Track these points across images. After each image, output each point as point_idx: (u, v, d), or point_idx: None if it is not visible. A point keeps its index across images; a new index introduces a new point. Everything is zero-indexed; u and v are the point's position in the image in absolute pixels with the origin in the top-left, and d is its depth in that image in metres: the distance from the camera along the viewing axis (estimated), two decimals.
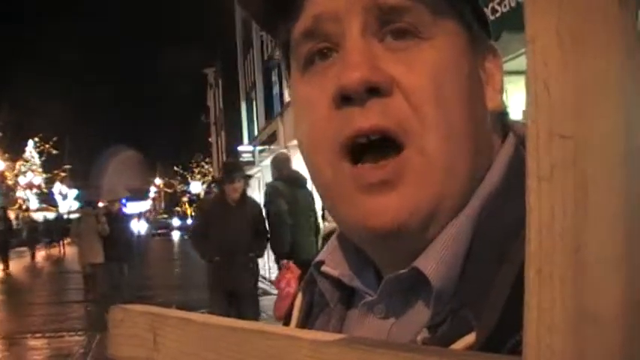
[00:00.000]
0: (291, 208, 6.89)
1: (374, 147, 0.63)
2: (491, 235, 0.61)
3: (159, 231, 66.72)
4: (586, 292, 0.31)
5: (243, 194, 7.36)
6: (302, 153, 0.70)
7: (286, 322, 0.82)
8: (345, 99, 0.63)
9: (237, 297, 7.26)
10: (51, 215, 60.18)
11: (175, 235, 60.55)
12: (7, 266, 25.67)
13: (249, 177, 7.77)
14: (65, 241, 37.69)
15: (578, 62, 0.32)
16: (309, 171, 0.70)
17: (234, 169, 7.53)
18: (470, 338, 0.54)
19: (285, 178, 7.12)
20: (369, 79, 0.62)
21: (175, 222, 73.76)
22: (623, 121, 0.31)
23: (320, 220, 7.51)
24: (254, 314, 7.35)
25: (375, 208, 0.63)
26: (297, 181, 7.12)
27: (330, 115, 0.65)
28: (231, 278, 7.06)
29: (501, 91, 0.70)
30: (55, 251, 39.07)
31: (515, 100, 3.89)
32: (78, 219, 14.08)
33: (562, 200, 0.32)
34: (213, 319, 0.56)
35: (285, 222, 6.88)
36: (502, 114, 0.71)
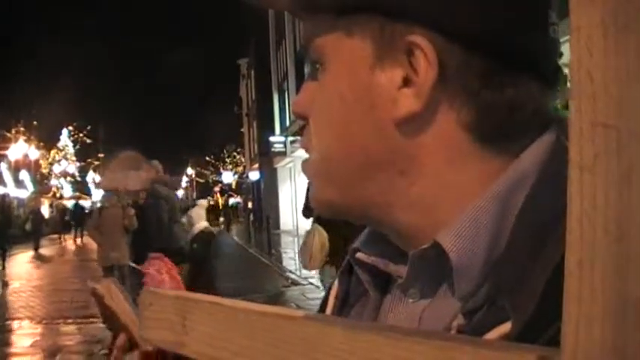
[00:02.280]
0: (169, 208, 8.73)
1: None
2: (530, 223, 0.60)
3: None
4: (628, 283, 0.31)
5: None
6: None
7: (322, 310, 0.82)
8: None
9: None
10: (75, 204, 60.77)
11: None
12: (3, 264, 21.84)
13: None
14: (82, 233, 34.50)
15: (623, 51, 0.31)
16: None
17: None
18: (506, 327, 0.54)
19: (164, 182, 8.91)
20: (294, 111, 0.76)
21: None
22: None
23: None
24: None
25: None
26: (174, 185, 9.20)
27: None
28: None
29: (422, 91, 0.64)
30: (68, 243, 36.45)
31: None
32: (99, 209, 11.12)
33: (604, 189, 0.31)
34: (243, 304, 0.56)
35: (164, 220, 8.69)
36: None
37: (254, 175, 46.35)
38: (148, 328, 0.68)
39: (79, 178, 69.13)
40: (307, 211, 8.39)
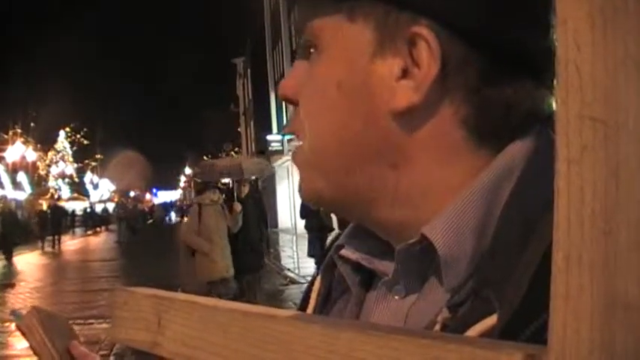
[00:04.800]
0: None
1: None
2: (517, 215, 0.60)
3: None
4: (617, 278, 0.30)
5: None
6: None
7: (303, 306, 0.81)
8: None
9: None
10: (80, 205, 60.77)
11: None
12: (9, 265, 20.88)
13: None
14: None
15: (611, 44, 0.31)
16: None
17: None
18: (492, 320, 0.53)
19: None
20: (282, 95, 0.75)
21: None
22: None
23: None
24: None
25: None
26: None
27: None
28: None
29: (423, 84, 0.63)
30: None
31: None
32: (197, 208, 8.53)
33: (592, 183, 0.31)
34: (221, 303, 0.55)
35: None
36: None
37: None
38: (120, 327, 0.66)
39: (76, 180, 69.10)
40: (303, 210, 8.75)
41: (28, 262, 24.74)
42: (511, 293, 0.52)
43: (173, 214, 63.30)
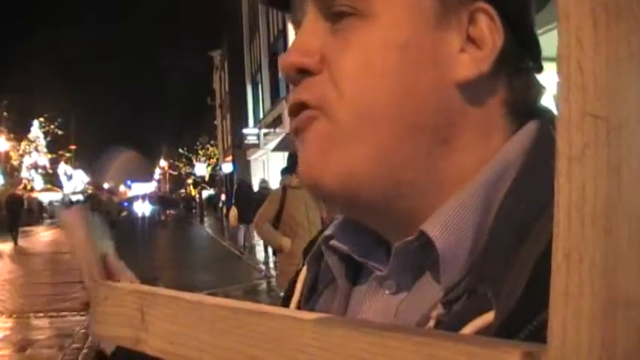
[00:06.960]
0: None
1: None
2: (513, 212, 0.60)
3: None
4: (618, 276, 0.30)
5: None
6: None
7: (287, 296, 0.81)
8: (289, 79, 0.68)
9: None
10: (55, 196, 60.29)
11: None
12: None
13: None
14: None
15: (613, 41, 0.31)
16: None
17: None
18: (488, 317, 0.53)
19: None
20: (294, 63, 0.67)
21: None
22: None
23: None
24: None
25: (300, 157, 0.68)
26: None
27: None
28: None
29: (491, 55, 0.64)
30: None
31: None
32: (282, 190, 6.57)
33: (594, 181, 0.31)
34: (208, 298, 0.54)
35: None
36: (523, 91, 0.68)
37: (227, 168, 46.16)
38: (102, 323, 0.64)
39: (50, 170, 68.51)
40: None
41: None
42: (508, 290, 0.52)
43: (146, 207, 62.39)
